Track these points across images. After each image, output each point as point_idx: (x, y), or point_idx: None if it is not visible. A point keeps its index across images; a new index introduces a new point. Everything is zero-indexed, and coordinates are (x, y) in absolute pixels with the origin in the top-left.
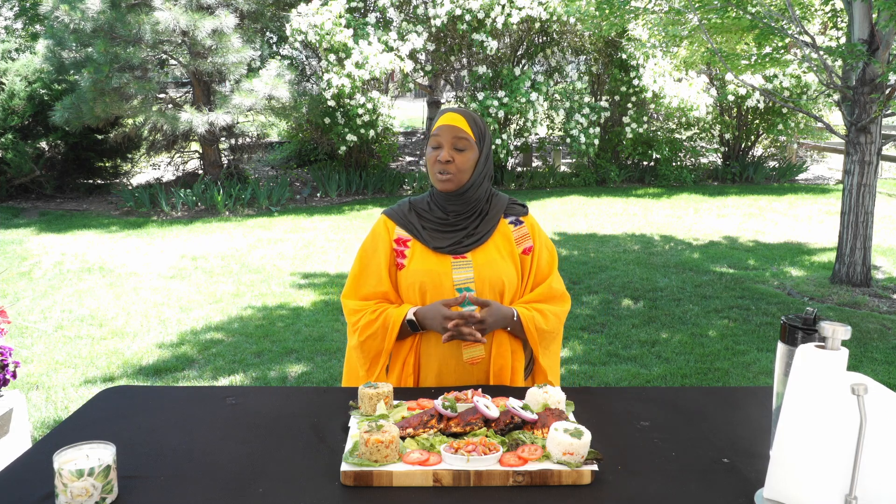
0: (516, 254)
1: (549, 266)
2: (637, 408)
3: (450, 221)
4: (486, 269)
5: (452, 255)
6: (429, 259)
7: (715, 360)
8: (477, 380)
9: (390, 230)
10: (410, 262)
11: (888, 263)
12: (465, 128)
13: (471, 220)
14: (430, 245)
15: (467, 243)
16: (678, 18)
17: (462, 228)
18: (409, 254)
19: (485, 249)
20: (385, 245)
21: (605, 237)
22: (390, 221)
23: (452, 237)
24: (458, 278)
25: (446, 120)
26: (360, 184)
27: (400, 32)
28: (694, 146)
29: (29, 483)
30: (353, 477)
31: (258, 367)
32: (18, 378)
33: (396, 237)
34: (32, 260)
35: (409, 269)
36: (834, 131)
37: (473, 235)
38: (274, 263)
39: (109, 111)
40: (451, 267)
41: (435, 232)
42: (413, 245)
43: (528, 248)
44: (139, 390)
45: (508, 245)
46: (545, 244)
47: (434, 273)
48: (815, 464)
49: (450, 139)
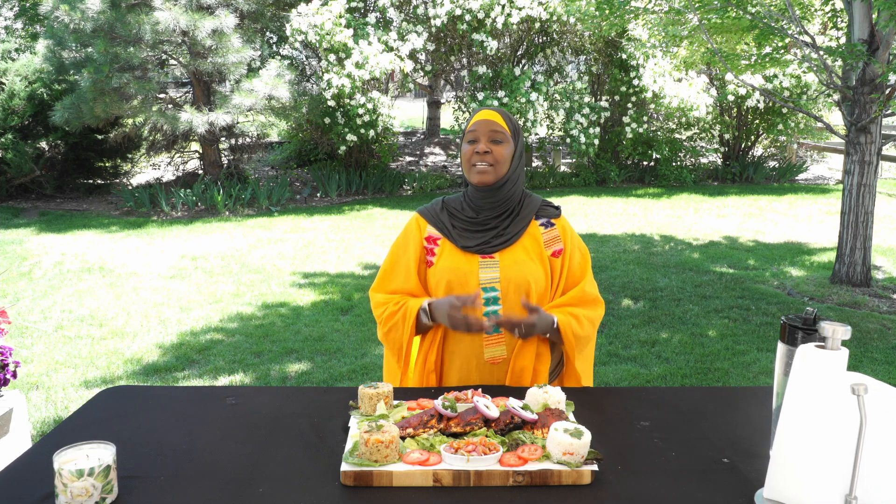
0: (545, 256)
1: (581, 269)
2: (637, 408)
3: (479, 220)
4: (513, 270)
5: (480, 254)
6: (457, 258)
7: (715, 360)
8: (497, 380)
9: (422, 228)
10: (439, 260)
11: (888, 263)
12: (501, 122)
13: (501, 219)
14: (458, 244)
15: (495, 243)
16: (678, 18)
17: (492, 228)
18: (439, 252)
19: (513, 250)
20: (416, 243)
21: (605, 237)
22: (422, 220)
23: (481, 237)
24: (484, 278)
25: (482, 116)
26: (360, 184)
27: (400, 32)
28: (694, 146)
29: (29, 483)
30: (353, 477)
31: (258, 367)
32: (18, 378)
33: (427, 235)
34: (32, 260)
35: (437, 268)
36: (834, 131)
37: (503, 236)
38: (274, 263)
39: (109, 111)
40: (477, 266)
41: (465, 231)
42: (443, 244)
43: (559, 251)
44: (139, 390)
45: (537, 247)
46: (578, 247)
47: (460, 272)
48: (815, 464)
49: (486, 132)
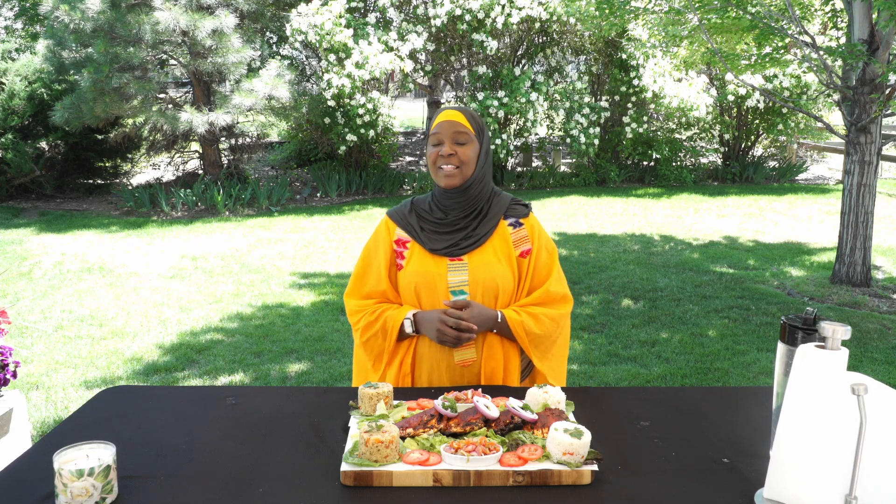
0: (513, 256)
1: (547, 268)
2: (637, 408)
3: (448, 221)
4: (481, 272)
5: (449, 257)
6: (425, 261)
7: (715, 360)
8: (468, 382)
9: (391, 231)
10: (408, 263)
11: (888, 263)
12: (464, 122)
13: (469, 220)
14: (427, 247)
15: (464, 245)
16: (678, 18)
17: (461, 229)
18: (408, 255)
19: (481, 252)
20: (386, 245)
21: (605, 237)
22: (391, 222)
23: (450, 239)
24: (453, 280)
25: (445, 116)
26: (360, 184)
27: (400, 32)
28: (694, 146)
29: (29, 483)
30: (353, 477)
31: (258, 367)
32: (18, 378)
33: (397, 238)
34: (32, 260)
35: (407, 271)
36: (834, 131)
37: (471, 237)
38: (274, 263)
39: (109, 111)
40: (446, 269)
41: (433, 233)
42: (412, 246)
43: (527, 251)
44: (139, 390)
45: (506, 247)
46: (545, 246)
47: (429, 275)
48: (815, 464)
49: (450, 134)
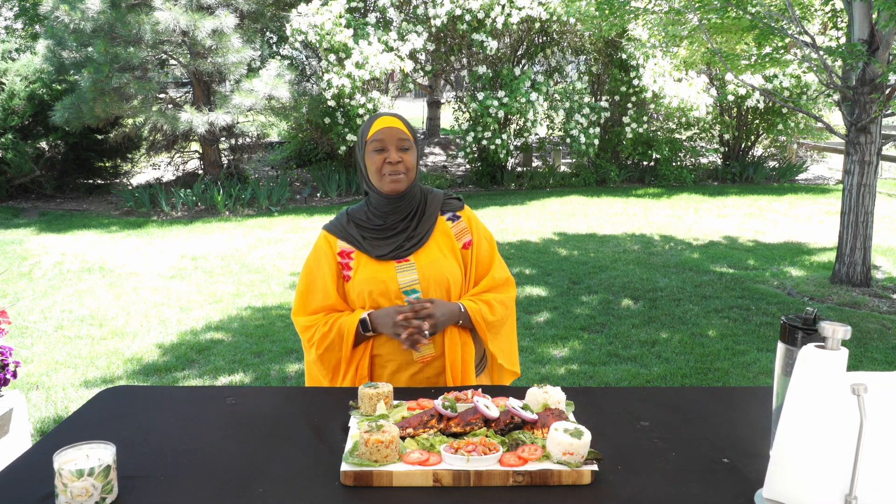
0: (457, 249)
1: (488, 257)
2: (637, 408)
3: (388, 226)
4: (430, 270)
5: (395, 259)
6: (373, 267)
7: (715, 360)
8: (428, 377)
9: (332, 244)
10: (356, 273)
11: (888, 263)
12: (404, 129)
13: (409, 221)
14: (372, 254)
15: (408, 246)
16: (678, 18)
17: (401, 231)
18: (354, 265)
19: (426, 250)
20: (329, 260)
21: (605, 237)
22: (331, 236)
23: (393, 242)
24: (403, 281)
25: (385, 123)
26: (360, 184)
27: (400, 32)
28: (694, 146)
29: (29, 483)
30: (353, 477)
31: (258, 367)
32: (18, 378)
33: (339, 250)
34: (32, 260)
35: (356, 280)
36: (834, 131)
37: (413, 238)
38: (274, 263)
39: (109, 111)
40: (395, 272)
41: (375, 240)
42: (357, 256)
43: (468, 243)
44: (139, 390)
45: (449, 242)
46: (483, 235)
47: (379, 280)
48: (815, 464)
49: (394, 141)
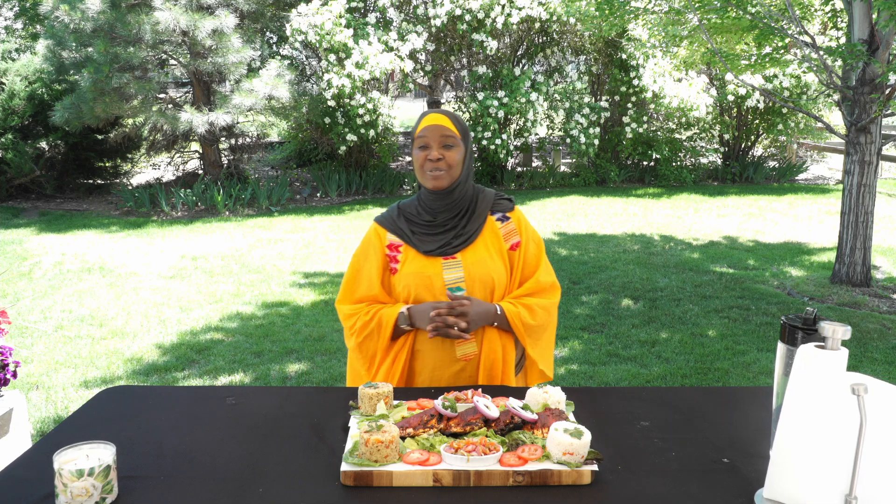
0: (504, 250)
1: (536, 259)
2: (637, 408)
3: (438, 223)
4: (476, 268)
5: (442, 256)
6: (420, 262)
7: (715, 360)
8: (469, 375)
9: (382, 237)
10: (403, 266)
11: (888, 263)
12: (451, 126)
13: (458, 219)
14: (420, 249)
15: (456, 244)
16: (678, 18)
17: (450, 229)
18: (402, 258)
19: (474, 249)
20: (377, 252)
21: (605, 237)
22: (381, 228)
23: (441, 239)
24: (449, 278)
25: (431, 120)
26: (360, 184)
27: (400, 32)
28: (694, 146)
29: (29, 483)
30: (353, 477)
31: (258, 367)
32: (18, 378)
33: (388, 243)
34: (32, 260)
35: (402, 273)
36: (834, 131)
37: (462, 236)
38: (274, 263)
39: (109, 111)
40: (441, 268)
41: (424, 235)
42: (405, 250)
43: (516, 244)
44: (139, 390)
45: (497, 242)
46: (532, 238)
47: (425, 275)
48: (815, 464)
49: (437, 138)
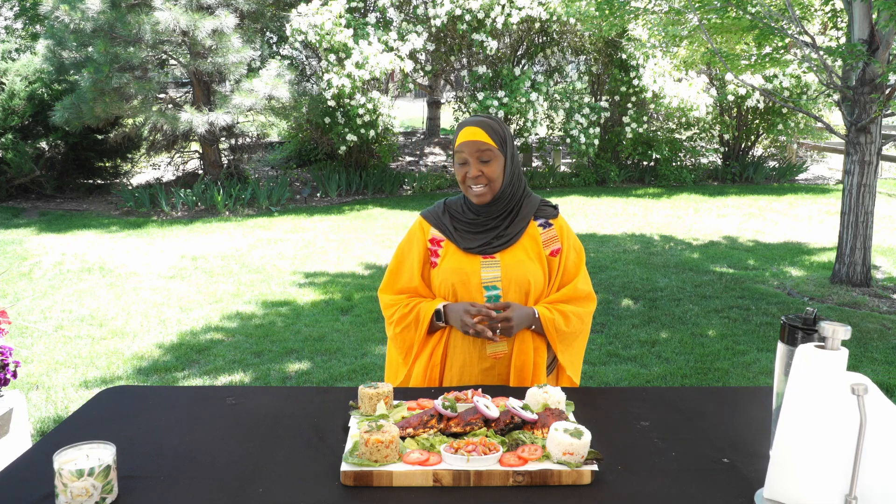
0: (543, 255)
1: (575, 267)
2: (637, 408)
3: (480, 222)
4: (513, 270)
5: (482, 255)
6: (459, 259)
7: (715, 360)
8: (499, 374)
9: (425, 231)
10: (443, 261)
11: (888, 263)
12: (486, 139)
13: (501, 220)
14: (461, 245)
15: (496, 244)
16: (678, 18)
17: (492, 229)
18: (442, 253)
19: (513, 251)
20: (420, 245)
21: (605, 237)
22: (426, 222)
23: (483, 238)
24: (486, 277)
25: (466, 136)
26: (360, 184)
27: (400, 32)
28: (694, 146)
29: (29, 483)
30: (353, 477)
31: (258, 367)
32: (18, 378)
33: (431, 237)
34: (32, 260)
35: (441, 268)
36: (834, 131)
37: (503, 237)
38: (274, 263)
39: (109, 111)
40: (479, 266)
41: (466, 233)
42: (446, 245)
43: (556, 251)
44: (139, 390)
45: (536, 247)
46: (573, 246)
47: (463, 272)
48: (815, 464)
49: (474, 153)
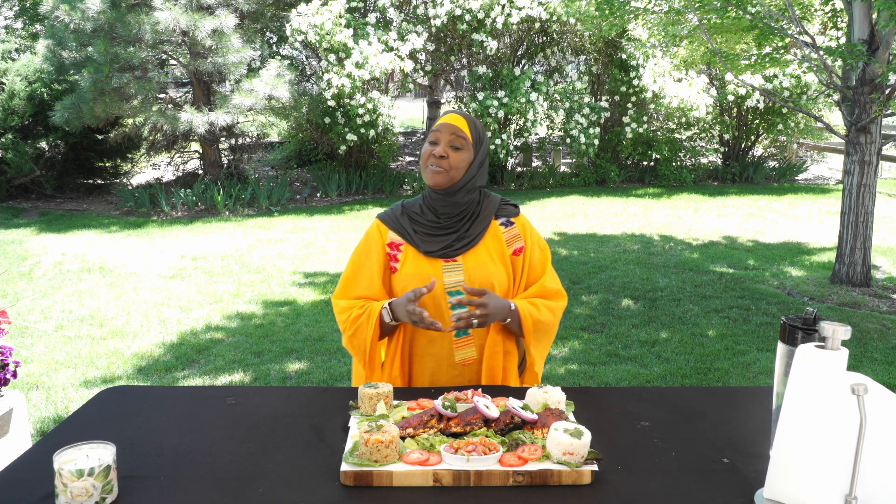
0: (507, 255)
1: (541, 265)
2: (637, 408)
3: (441, 224)
4: (477, 272)
5: (443, 258)
6: (420, 263)
7: (715, 360)
8: (469, 380)
9: (383, 234)
10: (403, 265)
11: (888, 263)
12: (465, 128)
13: (461, 222)
14: (421, 249)
15: (458, 246)
16: (678, 18)
17: (453, 231)
18: (402, 258)
19: (475, 252)
20: (378, 249)
21: (605, 237)
22: (383, 226)
23: (443, 240)
24: (449, 281)
25: (447, 119)
26: (360, 184)
27: (400, 32)
28: (694, 146)
29: (29, 483)
30: (353, 477)
31: (258, 367)
32: (18, 378)
33: (389, 241)
34: (32, 260)
35: (402, 273)
36: (834, 131)
37: (464, 238)
38: (274, 263)
39: (109, 111)
40: (441, 270)
41: (426, 236)
42: (406, 249)
43: (520, 249)
44: (139, 390)
45: (499, 247)
46: (537, 243)
47: (425, 276)
48: (815, 464)
49: (448, 136)
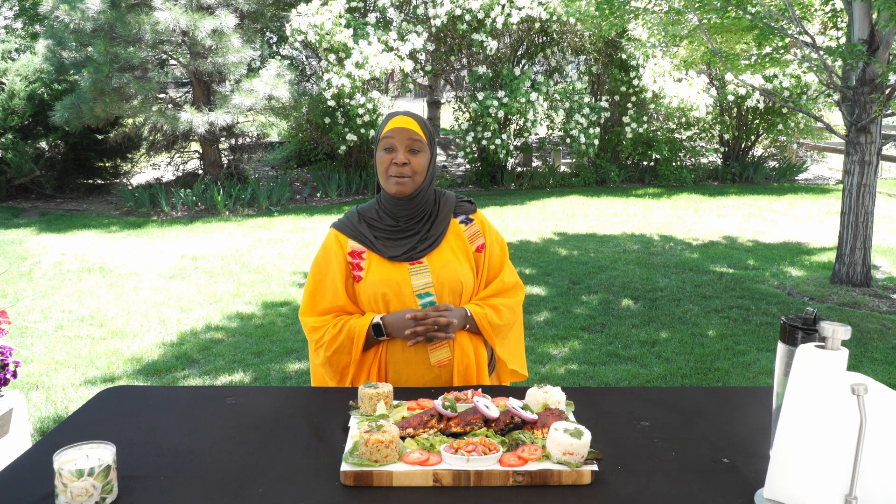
0: (470, 253)
1: (500, 260)
2: (637, 408)
3: (401, 227)
4: (444, 272)
5: (408, 261)
6: (386, 269)
7: (715, 360)
8: (444, 381)
9: (343, 244)
10: (368, 273)
11: (888, 263)
12: (419, 130)
13: (421, 223)
14: (385, 255)
15: (421, 248)
16: (678, 18)
17: (414, 233)
18: (366, 265)
19: (440, 252)
20: (339, 259)
21: (605, 237)
22: (342, 235)
23: (406, 244)
24: (417, 284)
25: (399, 123)
26: (360, 184)
27: (400, 32)
28: (694, 146)
29: (29, 483)
30: (353, 477)
31: (258, 367)
32: (18, 378)
33: (350, 250)
34: (32, 260)
35: (368, 281)
36: (834, 131)
37: (427, 240)
38: (274, 263)
39: (109, 111)
40: (408, 274)
41: (388, 241)
42: (368, 256)
43: (481, 246)
44: (139, 390)
45: (462, 245)
46: (495, 239)
47: (392, 282)
48: (815, 464)
49: (404, 141)
